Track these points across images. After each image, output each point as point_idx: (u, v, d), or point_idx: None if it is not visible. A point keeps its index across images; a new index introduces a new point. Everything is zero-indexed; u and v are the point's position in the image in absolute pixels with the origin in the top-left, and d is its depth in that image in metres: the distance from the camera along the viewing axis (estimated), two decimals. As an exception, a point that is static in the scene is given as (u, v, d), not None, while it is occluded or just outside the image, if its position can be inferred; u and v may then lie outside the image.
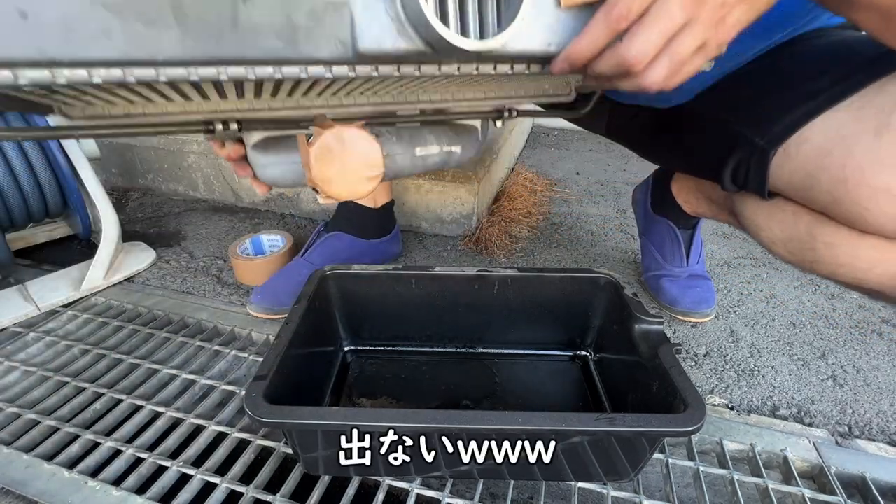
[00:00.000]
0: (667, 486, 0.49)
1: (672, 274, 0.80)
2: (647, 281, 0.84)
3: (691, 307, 0.76)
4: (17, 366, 0.65)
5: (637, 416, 0.40)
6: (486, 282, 0.61)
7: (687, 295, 0.76)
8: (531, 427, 0.40)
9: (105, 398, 0.61)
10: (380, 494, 0.48)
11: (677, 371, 0.44)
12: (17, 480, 0.50)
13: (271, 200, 1.13)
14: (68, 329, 0.74)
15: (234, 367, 0.66)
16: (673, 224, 0.80)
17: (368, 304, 0.63)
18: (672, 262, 0.80)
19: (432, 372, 0.63)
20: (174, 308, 0.78)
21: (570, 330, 0.64)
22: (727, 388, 0.63)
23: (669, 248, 0.81)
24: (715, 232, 1.05)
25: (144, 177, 1.25)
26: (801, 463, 0.53)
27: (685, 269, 0.80)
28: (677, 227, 0.80)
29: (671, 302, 0.78)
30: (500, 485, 0.51)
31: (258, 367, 0.45)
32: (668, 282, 0.79)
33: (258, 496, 0.48)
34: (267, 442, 0.54)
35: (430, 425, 0.40)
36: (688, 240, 0.81)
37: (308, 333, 0.54)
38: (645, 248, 0.86)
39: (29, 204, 0.79)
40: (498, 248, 0.95)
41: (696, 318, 0.77)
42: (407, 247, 0.98)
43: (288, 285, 0.76)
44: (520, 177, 1.24)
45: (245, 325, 0.73)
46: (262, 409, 0.40)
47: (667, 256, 0.81)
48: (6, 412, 0.58)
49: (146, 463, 0.52)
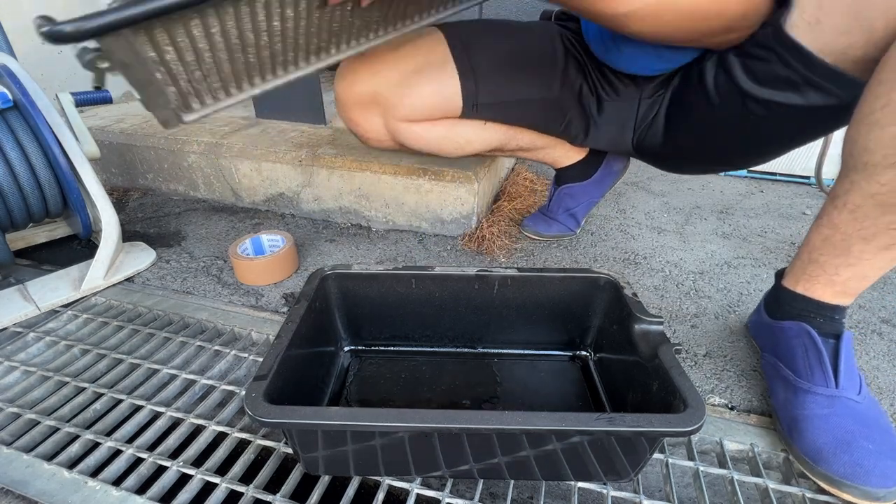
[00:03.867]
0: (667, 486, 0.49)
1: (809, 396, 0.52)
2: (782, 419, 0.54)
3: (847, 473, 0.46)
4: (17, 366, 0.66)
5: (637, 416, 0.40)
6: (486, 282, 0.61)
7: (837, 446, 0.48)
8: (531, 427, 0.40)
9: (105, 398, 0.61)
10: (380, 494, 0.48)
11: (677, 371, 0.44)
12: (17, 480, 0.50)
13: (271, 200, 1.13)
14: (68, 329, 0.74)
15: (234, 367, 0.66)
16: (807, 325, 0.56)
17: (368, 304, 0.63)
18: (810, 379, 0.53)
19: (432, 372, 0.63)
20: (174, 308, 0.78)
21: (570, 330, 0.64)
22: (727, 388, 0.63)
23: (803, 359, 0.55)
24: (715, 232, 1.05)
25: (144, 177, 1.25)
26: (801, 463, 0.53)
27: (834, 394, 0.51)
28: (812, 329, 0.55)
29: (813, 454, 0.49)
30: (500, 485, 0.51)
31: (258, 367, 0.45)
32: (808, 418, 0.51)
33: (258, 496, 0.48)
34: (267, 442, 0.54)
35: (430, 425, 0.40)
36: (832, 351, 0.54)
37: (308, 333, 0.54)
38: (769, 371, 0.60)
39: (29, 204, 0.79)
40: (498, 248, 0.95)
41: (857, 497, 0.46)
42: (407, 247, 0.98)
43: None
44: (520, 177, 1.24)
45: (245, 325, 0.73)
46: (262, 409, 0.40)
47: (801, 372, 0.54)
48: (6, 412, 0.58)
49: (146, 463, 0.52)
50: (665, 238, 1.02)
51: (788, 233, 1.05)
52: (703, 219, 1.12)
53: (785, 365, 0.57)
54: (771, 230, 1.06)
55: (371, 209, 1.04)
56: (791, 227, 1.07)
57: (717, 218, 1.12)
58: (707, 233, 1.05)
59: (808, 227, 0.57)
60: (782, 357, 0.58)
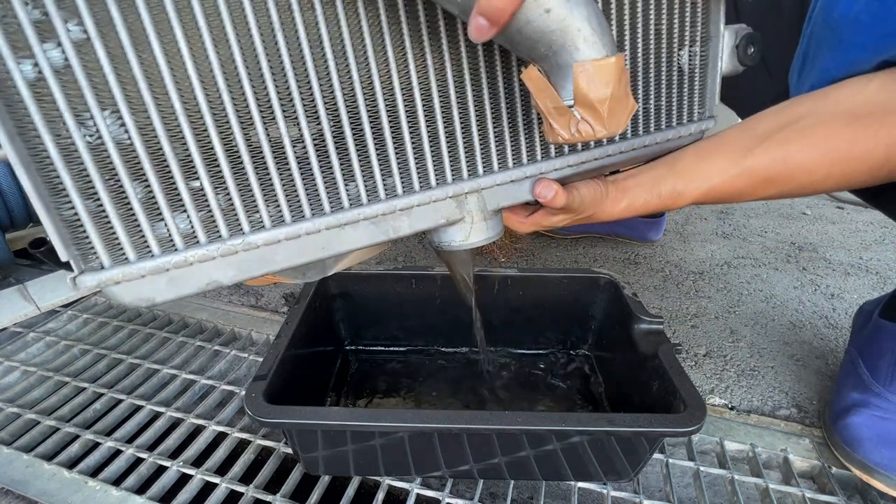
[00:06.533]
0: (667, 486, 0.49)
1: (877, 400, 0.51)
2: (833, 411, 0.54)
3: (884, 464, 0.47)
4: (17, 366, 0.65)
5: (637, 416, 0.40)
6: (486, 282, 0.61)
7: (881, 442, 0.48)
8: (531, 427, 0.40)
9: (105, 398, 0.61)
10: (380, 494, 0.48)
11: (677, 371, 0.44)
12: (17, 480, 0.50)
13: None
14: (68, 329, 0.74)
15: (234, 367, 0.66)
16: None
17: (368, 304, 0.63)
18: (887, 385, 0.52)
19: (432, 372, 0.63)
20: (174, 308, 0.78)
21: (570, 330, 0.64)
22: (727, 388, 0.63)
23: (889, 365, 0.53)
24: (715, 232, 1.05)
25: (144, 177, 1.25)
26: (801, 463, 0.53)
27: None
28: None
29: (853, 442, 0.50)
30: (500, 485, 0.51)
31: (258, 367, 0.45)
32: (864, 414, 0.51)
33: (258, 496, 0.48)
34: (267, 442, 0.54)
35: (430, 425, 0.40)
36: None
37: (308, 333, 0.54)
38: (847, 365, 0.58)
39: (29, 204, 0.79)
40: (498, 248, 0.95)
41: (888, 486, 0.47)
42: (407, 247, 0.98)
43: None
44: (520, 177, 1.25)
45: (245, 325, 0.73)
46: (262, 409, 0.40)
47: (880, 375, 0.53)
48: (6, 412, 0.58)
49: (146, 463, 0.52)
50: (665, 238, 1.02)
51: (788, 233, 1.05)
52: (703, 219, 1.12)
53: (865, 364, 0.55)
54: (771, 230, 1.06)
55: (371, 209, 1.05)
56: (791, 227, 1.07)
57: (717, 218, 1.12)
58: (707, 233, 1.05)
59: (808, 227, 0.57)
60: (866, 355, 0.56)
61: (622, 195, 0.41)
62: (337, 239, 0.35)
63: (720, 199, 0.41)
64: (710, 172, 0.39)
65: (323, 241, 0.34)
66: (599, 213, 0.42)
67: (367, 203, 0.35)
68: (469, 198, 0.38)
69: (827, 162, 0.36)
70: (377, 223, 0.36)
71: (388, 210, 0.35)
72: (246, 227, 0.32)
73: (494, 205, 0.39)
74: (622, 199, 0.41)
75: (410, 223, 0.37)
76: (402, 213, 0.36)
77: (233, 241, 0.32)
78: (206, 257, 0.31)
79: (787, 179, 0.38)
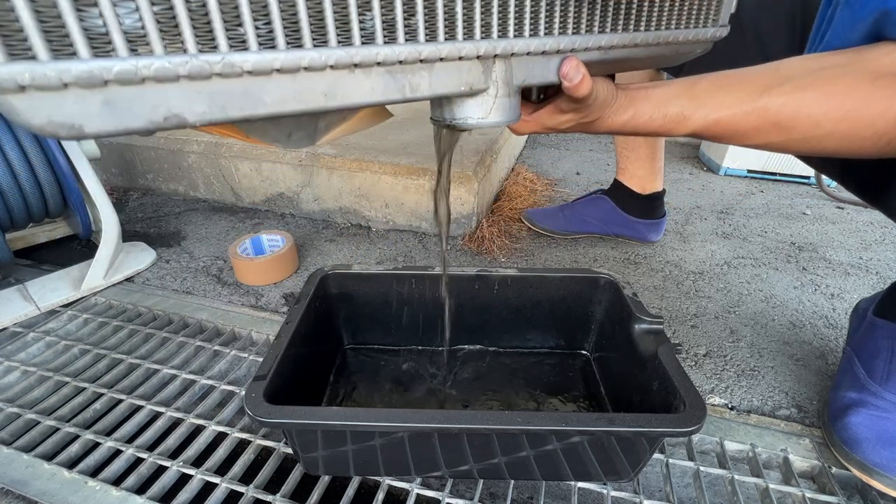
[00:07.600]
0: (667, 486, 0.49)
1: (874, 399, 0.52)
2: (831, 411, 0.55)
3: (883, 464, 0.47)
4: (17, 366, 0.65)
5: (637, 416, 0.40)
6: (486, 282, 0.61)
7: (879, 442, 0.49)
8: (531, 427, 0.40)
9: (105, 398, 0.61)
10: (380, 494, 0.48)
11: (677, 371, 0.44)
12: (17, 480, 0.50)
13: (271, 200, 1.13)
14: (68, 329, 0.74)
15: (234, 367, 0.66)
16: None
17: (368, 304, 0.63)
18: (883, 384, 0.52)
19: (432, 372, 0.63)
20: (174, 308, 0.78)
21: (571, 330, 0.64)
22: (727, 388, 0.63)
23: (884, 363, 0.53)
24: (715, 232, 1.05)
25: (144, 177, 1.25)
26: (801, 463, 0.53)
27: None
28: None
29: (852, 442, 0.50)
30: (500, 485, 0.51)
31: (258, 367, 0.45)
32: (862, 413, 0.51)
33: (258, 496, 0.48)
34: (267, 442, 0.54)
35: (430, 425, 0.40)
36: None
37: (308, 333, 0.54)
38: (844, 364, 0.59)
39: (29, 204, 0.79)
40: (498, 248, 0.95)
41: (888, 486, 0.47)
42: (407, 247, 0.98)
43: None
44: (520, 176, 1.25)
45: (245, 325, 0.73)
46: (262, 409, 0.40)
47: (876, 374, 0.53)
48: (6, 412, 0.58)
49: (146, 463, 0.52)
50: (665, 238, 1.02)
51: (788, 233, 1.05)
52: (703, 219, 1.12)
53: (861, 363, 0.56)
54: (771, 230, 1.06)
55: (371, 209, 1.05)
56: (791, 227, 1.07)
57: (717, 218, 1.12)
58: (707, 233, 1.05)
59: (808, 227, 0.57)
60: (862, 354, 0.56)
61: (630, 104, 0.40)
62: (344, 85, 0.28)
63: (721, 135, 0.40)
64: (724, 104, 0.38)
65: (326, 86, 0.27)
66: (604, 120, 0.41)
67: (382, 44, 0.28)
68: (497, 64, 0.33)
69: (836, 116, 0.36)
70: (393, 73, 0.29)
71: (408, 56, 0.29)
72: (222, 43, 0.23)
73: (520, 79, 0.35)
74: (628, 109, 0.40)
75: (430, 83, 0.31)
76: (423, 68, 0.30)
77: (207, 58, 0.23)
78: (166, 75, 0.22)
79: (792, 127, 0.37)
